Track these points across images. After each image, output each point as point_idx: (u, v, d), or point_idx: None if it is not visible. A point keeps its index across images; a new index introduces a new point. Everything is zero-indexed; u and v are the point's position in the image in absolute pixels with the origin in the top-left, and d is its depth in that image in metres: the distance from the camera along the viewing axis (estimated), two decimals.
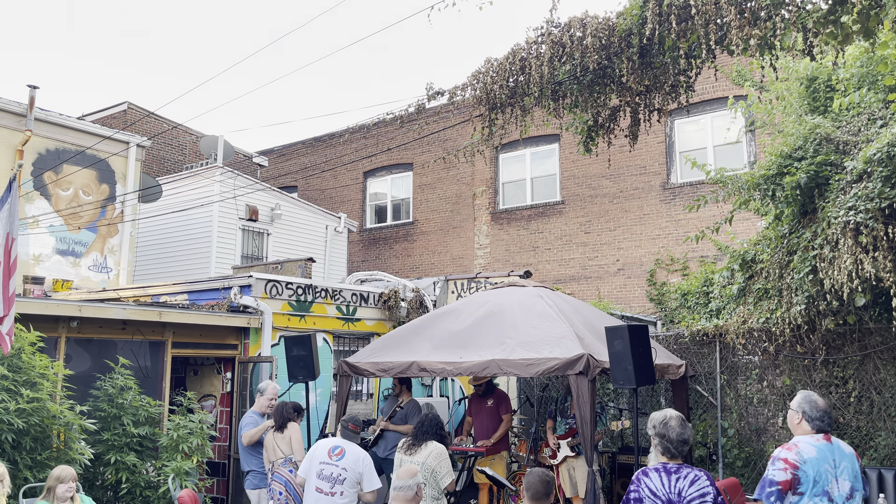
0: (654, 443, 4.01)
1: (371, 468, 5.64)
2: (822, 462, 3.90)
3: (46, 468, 5.95)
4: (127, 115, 17.45)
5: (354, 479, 5.57)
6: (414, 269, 18.05)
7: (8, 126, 11.68)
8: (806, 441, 3.99)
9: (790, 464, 3.89)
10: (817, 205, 7.10)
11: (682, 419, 4.01)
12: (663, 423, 3.99)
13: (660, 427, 3.99)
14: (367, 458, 5.67)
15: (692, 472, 3.88)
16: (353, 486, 5.58)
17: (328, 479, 5.59)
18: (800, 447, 3.95)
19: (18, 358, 6.25)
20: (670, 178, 14.97)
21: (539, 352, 6.41)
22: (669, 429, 3.95)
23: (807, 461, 3.89)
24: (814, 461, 3.90)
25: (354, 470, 5.58)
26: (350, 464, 5.60)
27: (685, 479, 3.86)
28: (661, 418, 4.03)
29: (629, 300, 14.84)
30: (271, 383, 7.57)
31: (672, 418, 4.00)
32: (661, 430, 3.97)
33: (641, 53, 6.23)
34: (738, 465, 8.27)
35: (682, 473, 3.88)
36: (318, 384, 9.30)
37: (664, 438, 3.96)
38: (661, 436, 3.97)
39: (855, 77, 7.99)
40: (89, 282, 12.37)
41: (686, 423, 4.02)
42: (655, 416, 4.06)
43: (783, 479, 3.87)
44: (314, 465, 5.68)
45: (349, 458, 5.63)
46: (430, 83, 6.92)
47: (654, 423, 4.03)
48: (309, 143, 20.93)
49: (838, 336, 7.56)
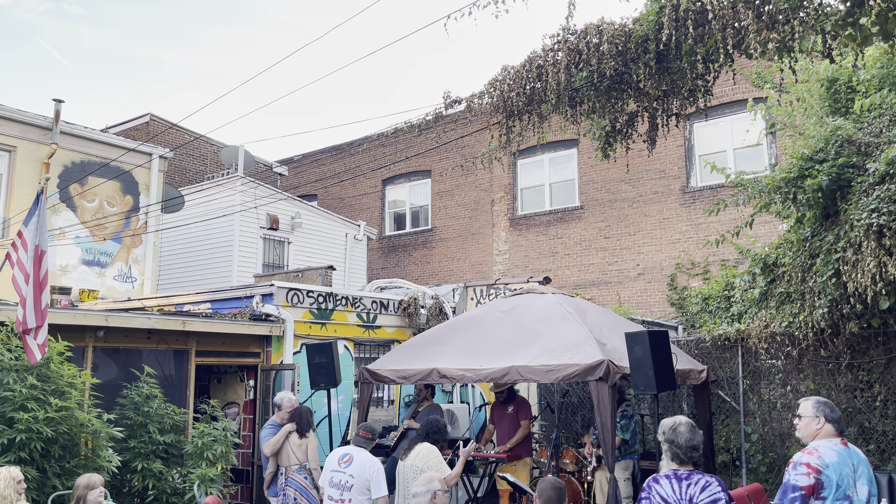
0: (663, 449, 4.01)
1: (379, 475, 5.60)
2: (843, 466, 3.88)
3: (75, 476, 6.04)
4: (150, 127, 17.72)
5: (362, 486, 5.56)
6: (433, 276, 18.10)
7: (34, 140, 11.92)
8: (826, 445, 3.96)
9: (813, 468, 3.86)
10: (839, 207, 7.03)
11: (691, 425, 4.00)
12: (672, 429, 3.99)
13: (669, 433, 3.99)
14: (374, 465, 5.64)
15: (703, 479, 3.87)
16: (361, 493, 5.57)
17: (338, 486, 5.63)
18: (821, 451, 3.93)
19: (47, 367, 6.37)
20: (690, 182, 14.88)
21: (559, 358, 6.41)
22: (678, 434, 3.95)
23: (829, 465, 3.86)
24: (836, 465, 3.87)
25: (361, 476, 5.58)
26: (356, 471, 5.60)
27: (696, 485, 3.85)
28: (670, 424, 4.02)
29: (650, 305, 14.75)
30: (287, 395, 7.45)
31: (681, 424, 4.00)
32: (671, 436, 3.97)
33: (658, 59, 6.23)
34: (762, 471, 8.19)
35: (693, 480, 3.87)
36: (339, 391, 9.37)
37: (673, 444, 3.96)
38: (671, 441, 3.97)
39: (875, 78, 7.92)
40: (114, 291, 12.56)
41: (696, 429, 4.00)
42: (665, 423, 4.05)
43: (807, 484, 3.84)
44: (327, 474, 5.75)
45: (356, 464, 5.63)
46: (447, 91, 6.97)
47: (663, 430, 4.04)
48: (328, 152, 21.09)
49: (863, 339, 7.48)
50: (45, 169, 11.94)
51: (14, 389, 6.02)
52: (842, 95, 8.59)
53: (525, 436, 8.08)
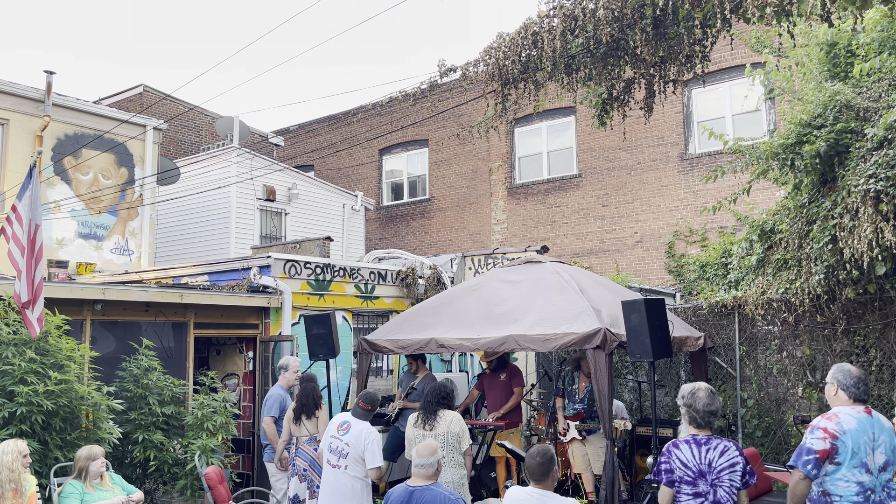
0: (682, 413, 4.10)
1: (374, 445, 5.67)
2: (861, 434, 3.90)
3: (76, 448, 6.10)
4: (143, 98, 17.55)
5: (357, 455, 5.67)
6: (431, 246, 18.10)
7: (27, 112, 11.80)
8: (847, 412, 3.99)
9: (829, 433, 3.90)
10: (837, 173, 6.99)
11: (711, 391, 4.09)
12: (692, 393, 4.11)
13: (688, 398, 4.11)
14: (370, 437, 5.70)
15: (721, 443, 3.97)
16: (356, 461, 5.69)
17: (336, 452, 5.76)
18: (840, 418, 3.95)
19: (45, 341, 6.39)
20: (688, 149, 14.81)
21: (556, 327, 6.43)
22: (697, 399, 4.05)
23: (846, 432, 3.89)
24: (853, 432, 3.89)
25: (356, 446, 5.68)
26: (353, 439, 5.71)
27: (715, 450, 3.95)
28: (689, 389, 4.14)
29: (647, 273, 14.78)
30: (292, 358, 7.67)
31: (700, 389, 4.11)
32: (689, 401, 4.08)
33: (655, 24, 6.14)
34: (758, 436, 8.28)
35: (712, 444, 3.96)
36: (338, 361, 9.42)
37: (691, 408, 4.06)
38: (689, 406, 4.08)
39: (875, 42, 7.81)
40: (112, 265, 12.56)
41: (715, 395, 4.10)
42: (685, 388, 4.17)
43: (821, 448, 3.88)
44: (327, 439, 5.88)
45: (353, 433, 5.74)
46: (442, 59, 6.88)
47: (682, 395, 4.16)
48: (324, 122, 20.93)
49: (859, 305, 7.50)
50: (38, 142, 11.85)
51: (13, 363, 6.05)
52: (841, 60, 8.49)
53: (518, 403, 8.14)
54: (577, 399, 7.58)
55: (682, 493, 3.95)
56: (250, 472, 8.91)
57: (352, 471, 5.67)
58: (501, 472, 8.16)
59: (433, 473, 4.56)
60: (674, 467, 3.97)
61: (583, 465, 7.41)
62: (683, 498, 3.95)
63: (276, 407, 7.33)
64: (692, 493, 3.92)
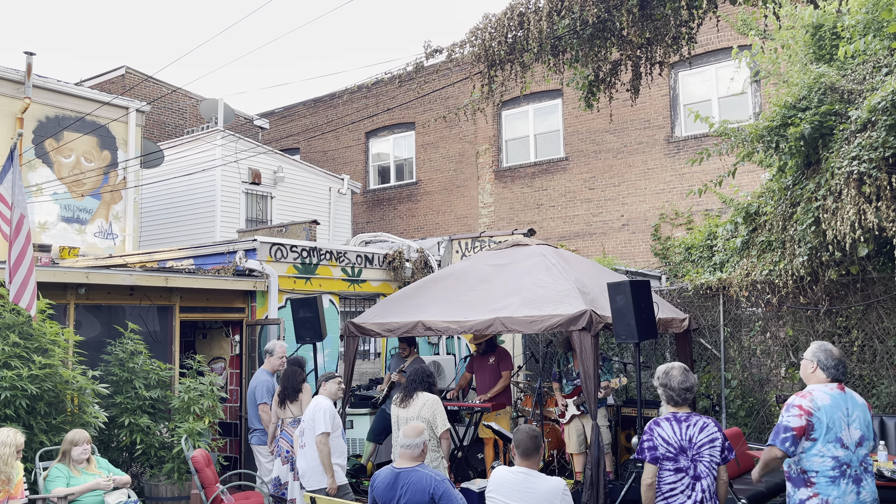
0: (659, 393, 4.21)
1: (322, 414, 5.84)
2: (835, 410, 3.97)
3: (62, 432, 6.08)
4: (125, 80, 17.32)
5: (311, 428, 5.85)
6: (418, 230, 18.07)
7: (6, 94, 11.63)
8: (820, 389, 4.06)
9: (805, 410, 3.97)
10: (821, 155, 7.04)
11: (684, 369, 4.22)
12: (665, 373, 4.25)
13: (663, 377, 4.24)
14: (320, 406, 5.87)
15: (701, 420, 4.10)
16: (311, 435, 5.85)
17: (300, 432, 5.98)
18: (814, 395, 4.02)
19: (29, 325, 6.33)
20: (675, 132, 14.84)
21: (542, 309, 6.46)
22: (671, 378, 4.19)
23: (821, 408, 3.96)
24: (827, 408, 3.96)
25: (309, 420, 5.88)
26: (308, 415, 5.91)
27: (695, 426, 4.06)
28: (664, 369, 4.27)
29: (633, 255, 14.86)
30: (279, 342, 7.66)
31: (674, 368, 4.26)
32: (664, 380, 4.21)
33: (641, 5, 6.13)
34: (742, 416, 8.39)
35: (692, 421, 4.08)
36: (325, 345, 9.41)
37: (667, 388, 4.19)
38: (664, 385, 4.21)
39: (860, 24, 7.83)
40: (96, 248, 12.45)
41: (689, 373, 4.20)
42: (659, 369, 4.33)
43: (798, 426, 3.95)
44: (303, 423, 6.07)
45: (309, 409, 5.96)
46: (427, 41, 6.84)
47: (658, 375, 4.31)
48: (309, 105, 20.77)
49: (841, 286, 7.58)
50: (18, 124, 11.67)
51: None
52: (826, 42, 8.51)
53: (506, 386, 8.19)
54: (573, 376, 7.67)
55: (665, 470, 4.05)
56: (237, 455, 8.91)
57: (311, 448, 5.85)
58: (489, 453, 8.22)
59: (419, 455, 4.57)
60: (657, 444, 4.05)
61: (577, 445, 7.50)
62: (666, 474, 4.04)
63: (266, 393, 7.33)
64: (674, 469, 4.02)
